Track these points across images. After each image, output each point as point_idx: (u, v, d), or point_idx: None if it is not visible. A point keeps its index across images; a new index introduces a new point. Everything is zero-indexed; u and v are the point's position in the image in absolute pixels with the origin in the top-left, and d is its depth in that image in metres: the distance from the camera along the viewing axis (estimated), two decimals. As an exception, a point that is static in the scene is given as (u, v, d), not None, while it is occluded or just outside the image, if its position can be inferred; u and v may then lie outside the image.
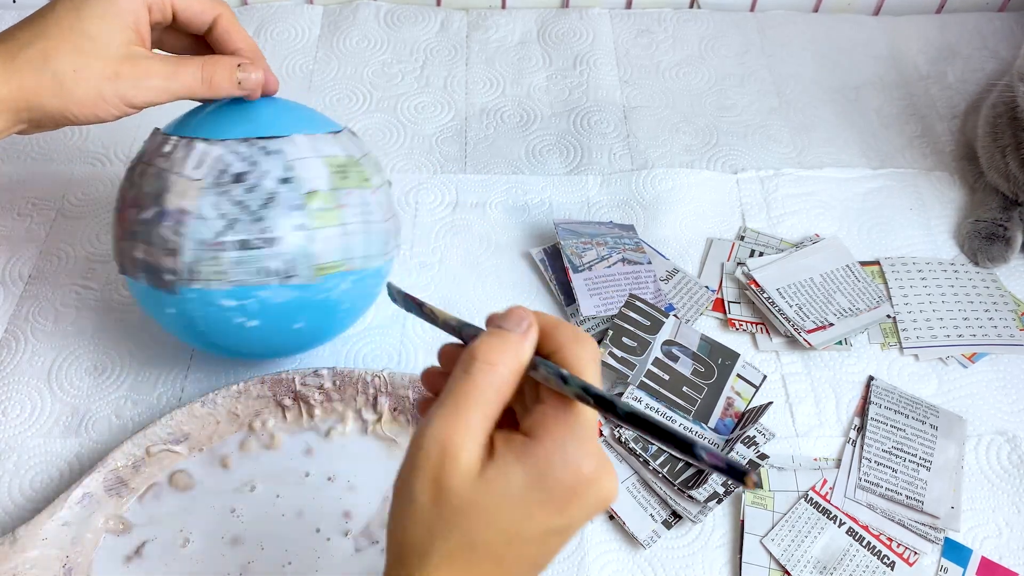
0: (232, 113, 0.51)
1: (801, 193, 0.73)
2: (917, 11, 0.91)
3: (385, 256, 0.54)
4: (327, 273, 0.50)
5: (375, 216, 0.52)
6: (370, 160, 0.54)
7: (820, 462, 0.57)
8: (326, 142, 0.51)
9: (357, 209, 0.51)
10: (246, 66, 0.50)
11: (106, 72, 0.46)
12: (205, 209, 0.48)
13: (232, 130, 0.50)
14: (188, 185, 0.48)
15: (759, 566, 0.52)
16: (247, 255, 0.48)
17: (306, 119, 0.53)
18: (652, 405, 0.57)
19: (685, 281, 0.66)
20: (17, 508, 0.54)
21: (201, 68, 0.48)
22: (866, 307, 0.64)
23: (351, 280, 0.52)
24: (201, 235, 0.48)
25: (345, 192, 0.50)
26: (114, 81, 0.46)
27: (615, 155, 0.76)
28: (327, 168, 0.50)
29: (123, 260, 0.51)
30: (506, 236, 0.70)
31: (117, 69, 0.46)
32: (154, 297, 0.50)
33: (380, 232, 0.53)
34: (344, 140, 0.53)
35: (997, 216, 0.68)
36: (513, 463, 0.32)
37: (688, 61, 0.85)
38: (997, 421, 0.59)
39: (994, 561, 0.53)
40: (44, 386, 0.59)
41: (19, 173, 0.72)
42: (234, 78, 0.49)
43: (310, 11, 0.87)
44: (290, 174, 0.49)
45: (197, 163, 0.48)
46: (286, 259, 0.49)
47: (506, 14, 0.88)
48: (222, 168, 0.48)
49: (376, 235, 0.52)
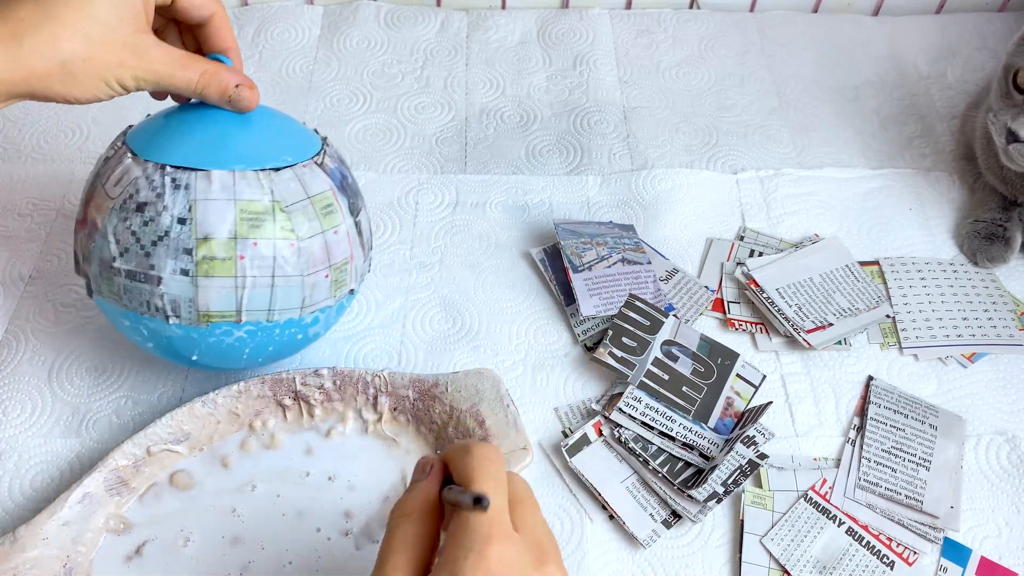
0: (187, 124, 0.50)
1: (801, 193, 0.73)
2: (917, 11, 0.91)
3: (303, 310, 0.51)
4: (215, 321, 0.49)
5: (288, 270, 0.49)
6: (310, 205, 0.49)
7: (820, 462, 0.57)
8: (253, 184, 0.48)
9: (262, 262, 0.48)
10: (244, 87, 0.49)
11: (112, 60, 0.45)
12: (108, 230, 0.48)
13: (167, 149, 0.48)
14: (104, 200, 0.49)
15: (759, 566, 0.52)
16: (134, 286, 0.48)
17: (261, 147, 0.50)
18: (652, 405, 0.57)
19: (685, 281, 0.66)
20: (17, 508, 0.54)
21: (199, 76, 0.48)
22: (866, 307, 0.64)
23: (246, 330, 0.50)
24: (102, 254, 0.49)
25: (249, 243, 0.47)
26: (117, 69, 0.46)
27: (615, 155, 0.76)
28: (236, 214, 0.47)
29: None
30: (506, 236, 0.70)
31: (123, 58, 0.46)
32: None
33: (294, 286, 0.49)
34: (284, 180, 0.49)
35: (996, 216, 0.69)
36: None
37: (688, 61, 0.85)
38: (997, 421, 0.60)
39: (994, 561, 0.53)
40: (44, 386, 0.59)
41: (19, 173, 0.72)
42: (226, 95, 0.49)
43: (310, 11, 0.87)
44: (188, 215, 0.47)
45: (116, 180, 0.49)
46: (169, 299, 0.48)
47: (506, 14, 0.88)
48: (131, 193, 0.48)
49: (287, 290, 0.49)
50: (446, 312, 0.64)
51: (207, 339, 0.50)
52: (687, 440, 0.56)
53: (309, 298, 0.50)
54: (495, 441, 0.53)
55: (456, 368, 0.61)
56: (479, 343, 0.63)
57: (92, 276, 0.50)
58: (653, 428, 0.57)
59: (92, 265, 0.50)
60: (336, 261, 0.51)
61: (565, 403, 0.60)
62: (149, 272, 0.48)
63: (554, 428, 0.58)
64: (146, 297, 0.48)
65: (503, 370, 0.61)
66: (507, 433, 0.53)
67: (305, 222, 0.49)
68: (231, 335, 0.50)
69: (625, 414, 0.57)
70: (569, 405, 0.60)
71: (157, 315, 0.49)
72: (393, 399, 0.56)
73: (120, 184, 0.48)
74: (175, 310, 0.48)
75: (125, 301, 0.49)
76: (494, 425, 0.54)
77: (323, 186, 0.50)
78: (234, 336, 0.50)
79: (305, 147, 0.51)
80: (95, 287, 0.50)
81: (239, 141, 0.49)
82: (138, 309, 0.49)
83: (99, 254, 0.49)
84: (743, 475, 0.54)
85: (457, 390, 0.56)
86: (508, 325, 0.64)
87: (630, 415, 0.57)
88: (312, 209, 0.49)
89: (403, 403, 0.56)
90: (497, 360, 0.62)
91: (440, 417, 0.55)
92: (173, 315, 0.48)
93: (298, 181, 0.49)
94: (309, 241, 0.49)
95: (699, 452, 0.56)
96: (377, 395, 0.56)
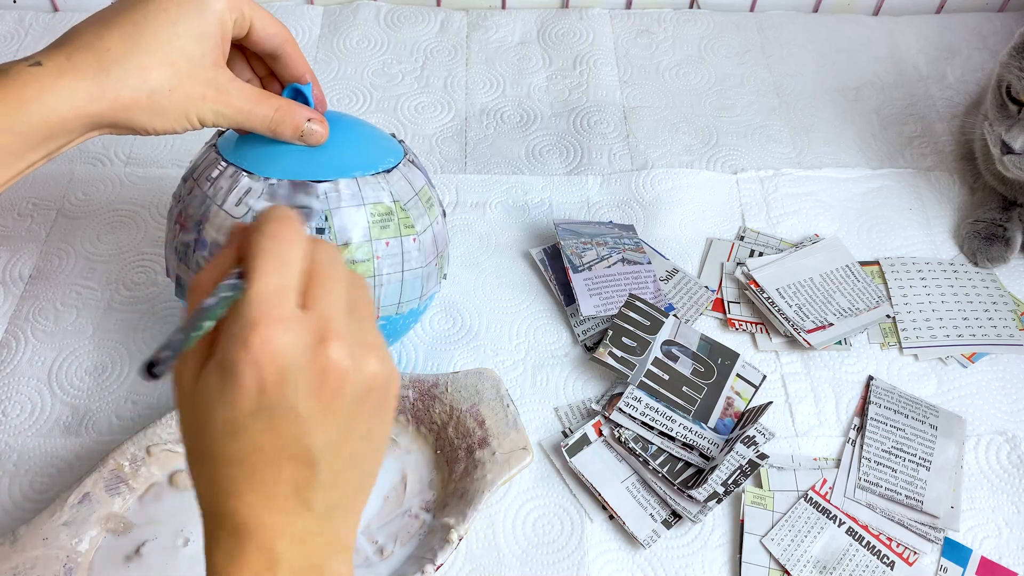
0: (287, 144, 0.50)
1: (801, 193, 0.73)
2: (917, 11, 0.91)
3: (421, 299, 0.53)
4: None
5: (413, 263, 0.51)
6: (419, 201, 0.52)
7: (820, 462, 0.57)
8: (374, 186, 0.50)
9: (393, 259, 0.50)
10: (315, 122, 0.49)
11: (195, 94, 0.45)
12: None
13: (281, 166, 0.49)
14: (226, 220, 0.48)
15: (759, 566, 0.52)
16: None
17: (364, 152, 0.51)
18: (652, 405, 0.57)
19: (685, 281, 0.66)
20: (17, 508, 0.54)
21: (274, 113, 0.48)
22: (866, 307, 0.64)
23: (380, 326, 0.52)
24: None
25: (382, 243, 0.50)
26: (199, 103, 0.46)
27: (615, 155, 0.76)
28: (368, 217, 0.49)
29: (168, 264, 0.53)
30: (506, 236, 0.70)
31: (205, 92, 0.45)
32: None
33: (417, 278, 0.52)
34: (395, 180, 0.51)
35: (996, 216, 0.69)
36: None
37: (688, 61, 0.85)
38: (997, 421, 0.60)
39: (994, 561, 0.53)
40: (44, 386, 0.59)
41: (19, 173, 0.72)
42: (299, 132, 0.49)
43: (310, 11, 0.87)
44: (326, 224, 0.48)
45: (238, 200, 0.48)
46: None
47: (506, 14, 0.88)
48: (260, 210, 0.47)
49: (412, 282, 0.52)
50: (446, 312, 0.64)
51: None
52: (687, 440, 0.56)
53: (425, 287, 0.53)
54: (495, 441, 0.53)
55: (456, 368, 0.61)
56: (479, 343, 0.63)
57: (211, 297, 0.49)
58: (653, 428, 0.57)
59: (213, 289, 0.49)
60: (440, 249, 0.54)
61: (565, 403, 0.60)
62: None
63: (554, 428, 0.58)
64: None
65: (503, 370, 0.61)
66: (507, 433, 0.53)
67: (418, 217, 0.52)
68: None
69: (625, 414, 0.57)
70: (569, 405, 0.60)
71: None
72: (393, 399, 0.56)
73: (243, 204, 0.48)
74: None
75: None
76: (494, 425, 0.54)
77: (421, 181, 0.53)
78: None
79: (394, 147, 0.53)
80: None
81: (342, 150, 0.50)
82: None
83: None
84: (743, 475, 0.54)
85: (457, 390, 0.56)
86: (508, 325, 0.64)
87: (630, 415, 0.57)
88: (420, 204, 0.52)
89: (403, 403, 0.56)
90: (497, 360, 0.62)
91: (440, 417, 0.55)
92: None
93: (405, 180, 0.52)
94: (424, 234, 0.52)
95: (699, 452, 0.56)
96: (377, 395, 0.56)
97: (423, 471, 0.55)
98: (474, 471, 0.52)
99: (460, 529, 0.49)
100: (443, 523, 0.50)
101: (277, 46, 0.49)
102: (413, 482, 0.54)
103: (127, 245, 0.68)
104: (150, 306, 0.64)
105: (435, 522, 0.52)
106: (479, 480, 0.51)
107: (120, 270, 0.66)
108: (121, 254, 0.67)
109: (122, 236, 0.68)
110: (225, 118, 0.47)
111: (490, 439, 0.53)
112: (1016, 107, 0.62)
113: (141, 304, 0.64)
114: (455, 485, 0.53)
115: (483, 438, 0.53)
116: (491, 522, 0.54)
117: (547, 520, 0.54)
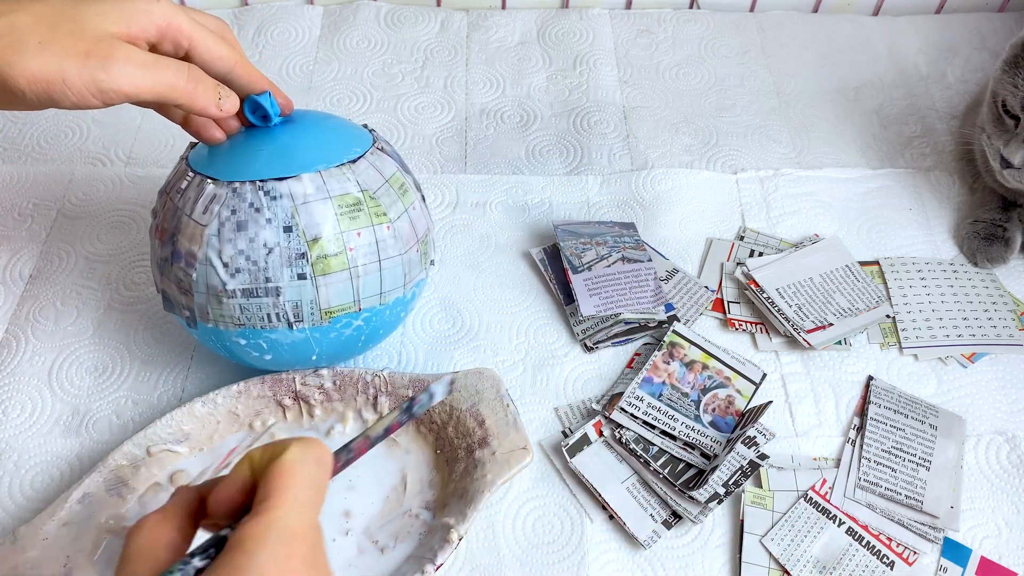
0: (247, 146, 0.50)
1: (801, 193, 0.73)
2: (917, 11, 0.91)
3: (406, 287, 0.53)
4: (336, 315, 0.50)
5: (390, 251, 0.51)
6: (390, 188, 0.51)
7: (820, 462, 0.57)
8: (339, 178, 0.49)
9: (368, 249, 0.50)
10: (225, 89, 0.46)
11: (73, 49, 0.40)
12: (211, 255, 0.48)
13: (243, 167, 0.49)
14: (196, 229, 0.48)
15: (759, 566, 0.52)
16: (251, 303, 0.49)
17: (327, 145, 0.51)
18: (654, 404, 0.57)
19: (685, 281, 0.66)
20: (17, 508, 0.54)
21: (188, 69, 0.44)
22: (865, 307, 0.64)
23: (363, 318, 0.52)
24: (208, 280, 0.48)
25: (353, 234, 0.49)
26: (82, 61, 0.40)
27: (615, 155, 0.76)
28: (335, 209, 0.49)
29: (154, 279, 0.53)
30: (506, 236, 0.70)
31: (87, 49, 0.40)
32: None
33: (397, 265, 0.51)
34: (362, 169, 0.50)
35: (996, 217, 0.69)
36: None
37: (688, 61, 0.85)
38: (997, 421, 0.60)
39: (993, 561, 0.53)
40: (44, 386, 0.59)
41: (19, 173, 0.72)
42: (216, 94, 0.45)
43: (310, 11, 0.87)
44: (292, 221, 0.48)
45: (204, 207, 0.48)
46: (291, 306, 0.49)
47: (506, 14, 0.88)
48: (227, 215, 0.48)
49: (392, 270, 0.51)
50: (446, 312, 0.64)
51: (328, 335, 0.51)
52: (689, 439, 0.56)
53: (408, 274, 0.53)
54: (495, 441, 0.53)
55: (456, 368, 0.61)
56: (479, 343, 0.63)
57: (197, 306, 0.50)
58: (655, 427, 0.57)
59: (196, 295, 0.49)
60: (420, 235, 0.54)
61: (565, 403, 0.60)
62: (267, 285, 0.48)
63: (554, 428, 0.58)
64: (267, 310, 0.49)
65: (503, 370, 0.61)
66: (507, 433, 0.53)
67: (391, 204, 0.51)
68: (350, 326, 0.51)
69: (626, 413, 0.57)
70: (569, 405, 0.60)
71: (279, 324, 0.49)
72: (393, 399, 0.56)
73: (209, 211, 0.48)
74: (297, 315, 0.49)
75: (242, 320, 0.49)
76: (494, 425, 0.54)
77: (392, 168, 0.53)
78: (353, 326, 0.51)
79: (361, 137, 0.53)
80: (200, 316, 0.50)
81: (306, 145, 0.50)
82: (257, 324, 0.49)
83: (204, 282, 0.49)
84: (744, 476, 0.54)
85: (457, 390, 0.56)
86: (508, 325, 0.64)
87: (631, 414, 0.57)
88: (392, 191, 0.52)
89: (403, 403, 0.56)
90: (497, 360, 0.62)
91: (440, 417, 0.55)
92: (296, 320, 0.49)
93: (373, 168, 0.51)
94: (399, 221, 0.51)
95: (701, 451, 0.56)
96: (377, 395, 0.56)
97: (423, 471, 0.55)
98: (474, 471, 0.52)
99: (460, 529, 0.49)
100: (443, 523, 0.50)
101: (226, 70, 0.46)
102: (413, 482, 0.54)
103: (127, 245, 0.68)
104: (150, 306, 0.64)
105: (435, 522, 0.52)
106: (479, 480, 0.51)
107: (120, 270, 0.66)
108: (121, 254, 0.67)
109: (122, 236, 0.68)
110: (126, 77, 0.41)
111: (490, 439, 0.53)
112: (1013, 121, 0.62)
113: (141, 304, 0.64)
114: (455, 485, 0.53)
115: (483, 438, 0.53)
116: (491, 522, 0.54)
117: (547, 520, 0.54)
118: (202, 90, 0.44)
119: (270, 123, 0.50)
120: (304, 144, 0.50)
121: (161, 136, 0.75)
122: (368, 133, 0.54)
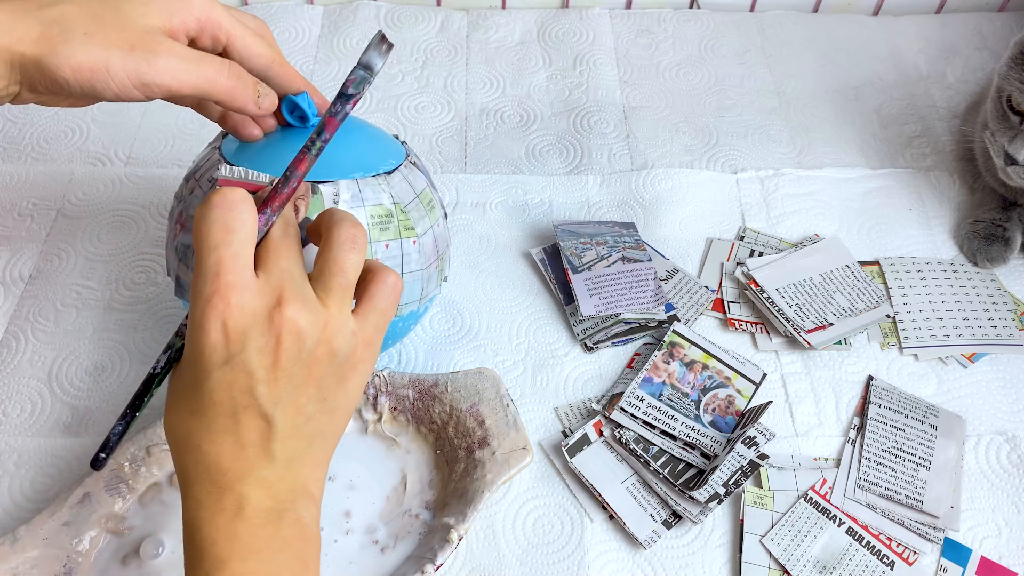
0: (284, 145, 0.49)
1: (801, 193, 0.73)
2: (917, 11, 0.91)
3: (420, 301, 0.53)
4: None
5: (413, 266, 0.51)
6: (420, 203, 0.52)
7: (820, 462, 0.57)
8: (375, 187, 0.49)
9: (393, 262, 0.50)
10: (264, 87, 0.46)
11: (118, 41, 0.40)
12: None
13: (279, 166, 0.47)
14: None
15: (759, 566, 0.52)
16: None
17: (365, 154, 0.51)
18: (654, 404, 0.57)
19: (685, 281, 0.66)
20: (17, 508, 0.54)
21: (229, 66, 0.44)
22: (866, 307, 0.64)
23: None
24: None
25: (382, 245, 0.49)
26: (127, 53, 0.40)
27: (615, 155, 0.76)
28: (367, 219, 0.49)
29: (168, 262, 0.53)
30: (506, 236, 0.70)
31: (132, 41, 0.41)
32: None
33: (417, 280, 0.52)
34: (396, 182, 0.51)
35: (996, 217, 0.68)
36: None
37: (688, 61, 0.85)
38: (997, 421, 0.60)
39: (994, 561, 0.53)
40: (44, 386, 0.59)
41: (19, 173, 0.72)
42: (255, 92, 0.45)
43: (310, 11, 0.87)
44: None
45: None
46: None
47: (506, 14, 0.88)
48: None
49: (412, 284, 0.51)
50: (446, 312, 0.64)
51: None
52: (689, 439, 0.56)
53: (425, 289, 0.53)
54: (495, 441, 0.53)
55: (456, 368, 0.61)
56: (479, 343, 0.63)
57: None
58: (655, 427, 0.57)
59: None
60: (441, 251, 0.54)
61: (565, 403, 0.60)
62: None
63: (554, 428, 0.58)
64: None
65: (503, 370, 0.61)
66: (507, 433, 0.53)
67: (419, 219, 0.51)
68: None
69: (626, 413, 0.57)
70: (569, 405, 0.60)
71: None
72: (393, 399, 0.56)
73: None
74: None
75: None
76: (494, 425, 0.54)
77: (422, 183, 0.53)
78: None
79: (396, 149, 0.53)
80: None
81: (343, 151, 0.49)
82: None
83: None
84: (744, 476, 0.54)
85: (457, 390, 0.56)
86: (508, 325, 0.64)
87: (632, 414, 0.57)
88: (421, 206, 0.52)
89: (403, 403, 0.56)
90: (497, 360, 0.62)
91: (440, 417, 0.55)
92: None
93: (406, 182, 0.51)
94: (425, 236, 0.52)
95: (701, 451, 0.56)
96: (377, 395, 0.56)
97: (423, 471, 0.55)
98: (474, 471, 0.52)
99: (460, 529, 0.49)
100: (443, 523, 0.50)
101: (263, 67, 0.46)
102: (413, 482, 0.54)
103: (127, 245, 0.68)
104: (150, 306, 0.64)
105: (435, 522, 0.52)
106: (479, 480, 0.51)
107: (120, 270, 0.66)
108: (121, 254, 0.67)
109: (122, 236, 0.68)
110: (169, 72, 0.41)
111: (490, 439, 0.53)
112: (1018, 118, 0.62)
113: (141, 304, 0.64)
114: (455, 485, 0.53)
115: (483, 438, 0.53)
116: (491, 522, 0.54)
117: (547, 520, 0.54)
118: (242, 87, 0.44)
119: (307, 123, 0.49)
120: (341, 149, 0.49)
121: (161, 136, 0.75)
122: (401, 146, 0.54)
